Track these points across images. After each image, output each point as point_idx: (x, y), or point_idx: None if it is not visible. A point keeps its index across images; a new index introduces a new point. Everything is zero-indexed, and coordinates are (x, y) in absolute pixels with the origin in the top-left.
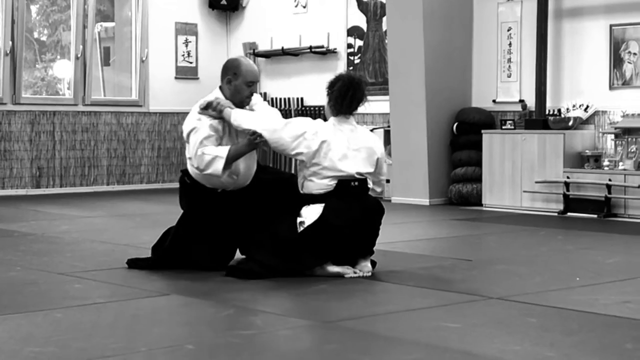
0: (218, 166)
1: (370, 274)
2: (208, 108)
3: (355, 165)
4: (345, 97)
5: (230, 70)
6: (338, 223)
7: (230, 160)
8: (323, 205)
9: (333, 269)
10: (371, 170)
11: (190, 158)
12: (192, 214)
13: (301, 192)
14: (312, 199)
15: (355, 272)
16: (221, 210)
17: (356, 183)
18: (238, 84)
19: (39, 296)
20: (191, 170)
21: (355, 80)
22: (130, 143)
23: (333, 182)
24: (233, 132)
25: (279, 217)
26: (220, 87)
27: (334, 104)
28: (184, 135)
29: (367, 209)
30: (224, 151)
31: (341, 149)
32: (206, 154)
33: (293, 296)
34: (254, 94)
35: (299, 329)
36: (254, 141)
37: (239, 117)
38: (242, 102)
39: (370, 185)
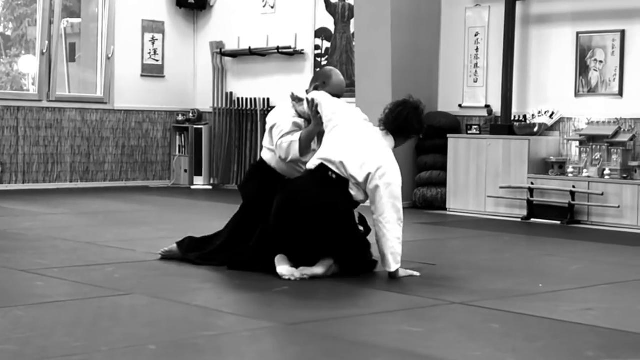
0: (295, 150)
1: (304, 277)
2: (299, 101)
3: (344, 159)
4: (400, 117)
5: (321, 78)
6: (281, 198)
7: (303, 142)
8: None
9: (279, 268)
10: (358, 178)
11: (270, 149)
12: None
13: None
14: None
15: (292, 276)
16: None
17: (333, 175)
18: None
19: (0, 293)
20: (272, 160)
21: (420, 110)
22: (94, 140)
23: (318, 162)
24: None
25: None
26: (306, 92)
27: (386, 119)
28: (267, 127)
29: (321, 205)
30: (296, 135)
31: (346, 140)
32: (284, 142)
33: (256, 298)
34: None
35: (261, 331)
36: (316, 114)
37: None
38: None
39: (353, 193)
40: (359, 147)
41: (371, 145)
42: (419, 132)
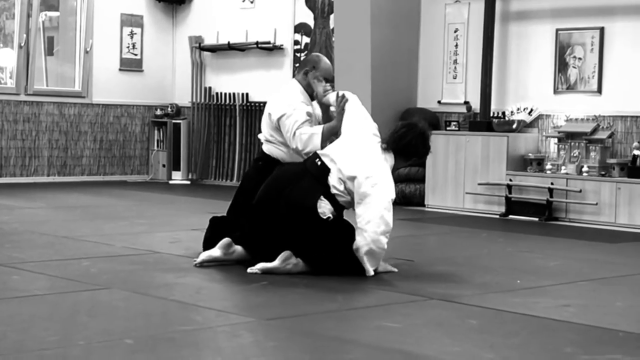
0: (316, 142)
1: (255, 271)
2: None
3: (337, 155)
4: (403, 139)
5: (310, 63)
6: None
7: (325, 136)
8: None
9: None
10: (344, 171)
11: (270, 140)
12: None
13: None
14: None
15: (253, 269)
16: None
17: (319, 162)
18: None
19: None
20: (274, 151)
21: (425, 135)
22: (72, 134)
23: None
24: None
25: None
26: (297, 79)
27: (389, 137)
28: (273, 118)
29: (290, 203)
30: (318, 129)
31: (347, 144)
32: (303, 133)
33: (234, 293)
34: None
35: (240, 326)
36: (342, 110)
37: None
38: (312, 95)
39: (332, 182)
40: (357, 151)
41: (368, 154)
42: (422, 156)
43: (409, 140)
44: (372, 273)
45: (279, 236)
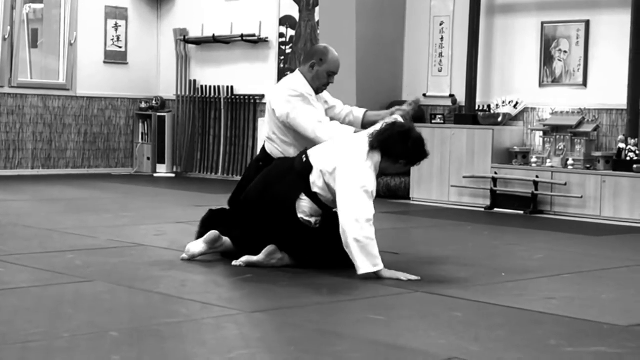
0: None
1: (240, 264)
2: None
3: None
4: (382, 134)
5: (317, 55)
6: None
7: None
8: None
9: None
10: (321, 166)
11: (271, 138)
12: None
13: None
14: None
15: (238, 262)
16: None
17: (304, 158)
18: (321, 70)
19: None
20: (274, 151)
21: (407, 135)
22: (56, 127)
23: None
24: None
25: None
26: (301, 70)
27: (386, 140)
28: (282, 119)
29: (277, 195)
30: (349, 129)
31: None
32: (335, 129)
33: (218, 285)
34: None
35: (224, 318)
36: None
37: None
38: (318, 88)
39: (313, 179)
40: (339, 147)
41: (349, 149)
42: (406, 157)
43: (387, 135)
44: (361, 271)
45: (264, 231)
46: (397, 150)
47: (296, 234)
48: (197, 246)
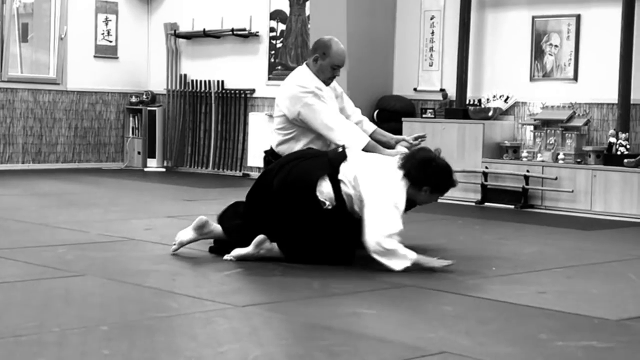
0: (361, 140)
1: (230, 259)
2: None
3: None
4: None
5: (320, 49)
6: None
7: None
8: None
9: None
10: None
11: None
12: None
13: None
14: None
15: (229, 256)
16: None
17: (341, 150)
18: (325, 64)
19: None
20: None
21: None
22: (46, 121)
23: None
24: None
25: None
26: (307, 63)
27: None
28: (292, 117)
29: (298, 171)
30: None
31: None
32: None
33: (209, 279)
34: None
35: (214, 312)
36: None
37: None
38: (324, 81)
39: (343, 169)
40: (374, 158)
41: (383, 164)
42: (428, 184)
43: (411, 161)
44: (396, 269)
45: (268, 210)
46: (419, 176)
47: (305, 215)
48: (186, 234)
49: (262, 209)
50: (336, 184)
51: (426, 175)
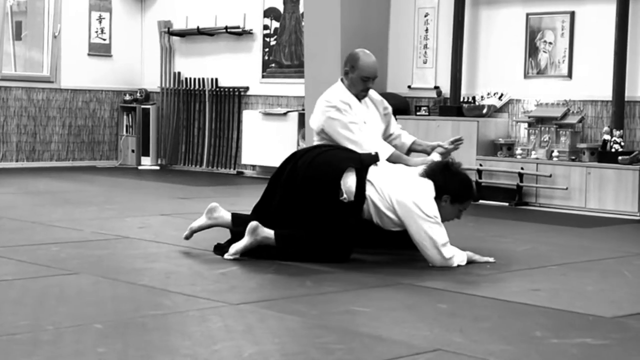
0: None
1: (231, 257)
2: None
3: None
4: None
5: (349, 62)
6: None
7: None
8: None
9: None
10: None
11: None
12: None
13: None
14: None
15: (229, 255)
16: None
17: (374, 153)
18: (354, 77)
19: None
20: None
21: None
22: (40, 119)
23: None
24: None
25: None
26: (341, 78)
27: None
28: (317, 131)
29: (324, 159)
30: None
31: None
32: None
33: (203, 277)
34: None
35: (208, 310)
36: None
37: None
38: (357, 95)
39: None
40: (406, 173)
41: (415, 179)
42: (447, 192)
43: (432, 171)
44: (454, 264)
45: (286, 185)
46: (438, 183)
47: (319, 198)
48: (198, 221)
49: (280, 183)
50: (361, 182)
51: (444, 182)
